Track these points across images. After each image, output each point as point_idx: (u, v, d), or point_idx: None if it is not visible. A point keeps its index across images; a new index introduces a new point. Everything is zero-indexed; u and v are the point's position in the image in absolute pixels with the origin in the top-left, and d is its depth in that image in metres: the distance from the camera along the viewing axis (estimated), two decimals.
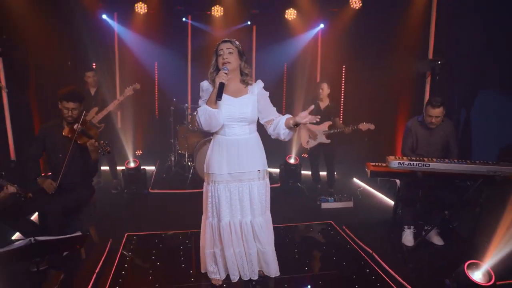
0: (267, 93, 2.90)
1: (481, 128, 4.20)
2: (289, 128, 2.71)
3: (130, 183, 5.36)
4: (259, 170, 2.87)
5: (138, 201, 5.16)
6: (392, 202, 4.84)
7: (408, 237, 3.78)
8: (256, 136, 2.93)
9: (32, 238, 2.04)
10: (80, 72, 5.34)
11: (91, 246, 3.55)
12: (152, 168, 6.61)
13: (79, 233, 2.32)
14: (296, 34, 6.56)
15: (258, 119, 2.91)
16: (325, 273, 3.33)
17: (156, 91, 7.10)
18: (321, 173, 5.92)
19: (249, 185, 2.86)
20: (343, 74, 6.64)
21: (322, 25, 6.59)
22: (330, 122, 5.41)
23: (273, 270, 3.05)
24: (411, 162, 3.28)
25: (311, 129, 5.43)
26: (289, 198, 5.46)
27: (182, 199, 5.28)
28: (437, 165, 3.26)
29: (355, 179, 6.32)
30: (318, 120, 2.61)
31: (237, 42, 2.80)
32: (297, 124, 2.65)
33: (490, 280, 2.55)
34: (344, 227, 4.24)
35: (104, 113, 5.22)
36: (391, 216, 4.06)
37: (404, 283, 3.06)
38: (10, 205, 3.07)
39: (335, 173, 5.86)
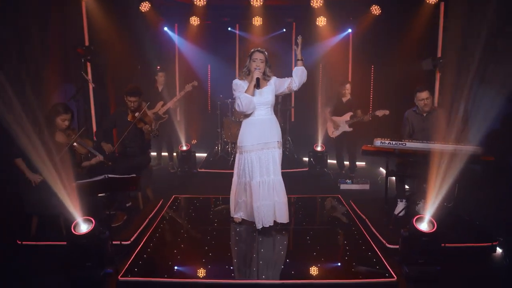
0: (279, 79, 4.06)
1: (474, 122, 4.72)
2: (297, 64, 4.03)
3: (183, 163, 6.61)
4: (278, 141, 3.97)
5: (188, 177, 6.42)
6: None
7: (399, 209, 4.47)
8: (274, 117, 4.06)
9: (106, 175, 3.26)
10: (148, 74, 6.74)
11: (147, 202, 4.81)
12: (205, 154, 7.87)
13: (133, 175, 3.48)
14: (328, 38, 7.40)
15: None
16: (317, 228, 4.22)
17: (209, 89, 8.35)
18: (345, 162, 6.71)
19: (272, 152, 3.94)
20: (372, 73, 7.32)
21: (350, 30, 7.35)
22: (352, 113, 6.21)
23: (285, 217, 4.03)
24: (391, 142, 4.03)
25: (336, 120, 6.27)
26: (315, 180, 6.34)
27: (222, 176, 6.37)
28: (412, 144, 3.97)
29: (381, 169, 6.95)
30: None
31: (266, 53, 3.92)
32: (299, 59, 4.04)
33: (433, 228, 3.25)
34: (350, 201, 5.03)
35: (169, 105, 6.53)
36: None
37: (380, 237, 3.85)
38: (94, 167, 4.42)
39: (363, 163, 6.62)
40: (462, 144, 3.83)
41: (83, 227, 3.16)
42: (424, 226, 3.30)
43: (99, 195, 3.93)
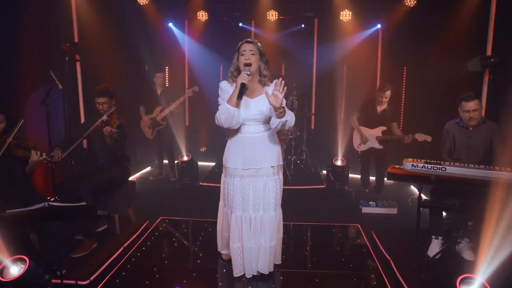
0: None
1: None
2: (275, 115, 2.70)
3: (183, 176, 5.86)
4: (272, 166, 2.95)
5: (187, 192, 5.64)
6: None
7: (434, 249, 3.50)
8: (270, 133, 2.96)
9: (46, 203, 2.54)
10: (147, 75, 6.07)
11: (128, 224, 4.08)
12: (213, 164, 7.12)
13: (83, 203, 2.74)
14: (353, 35, 6.43)
15: None
16: (325, 272, 3.29)
17: None
18: (371, 178, 5.74)
19: (263, 180, 2.93)
20: (404, 76, 6.29)
21: (379, 26, 6.34)
22: (385, 128, 5.23)
23: (267, 267, 3.01)
24: (426, 165, 3.07)
25: (364, 132, 5.31)
26: (332, 200, 5.41)
27: None
28: (455, 170, 2.99)
29: (412, 187, 5.93)
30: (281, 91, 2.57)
31: (259, 44, 2.87)
32: (276, 108, 2.62)
33: None
34: (372, 232, 4.09)
35: (167, 111, 5.83)
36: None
37: (404, 285, 2.91)
38: (63, 182, 3.73)
39: (385, 179, 5.61)
40: None
41: (13, 271, 2.45)
42: None
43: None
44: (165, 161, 6.48)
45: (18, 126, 3.32)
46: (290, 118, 2.73)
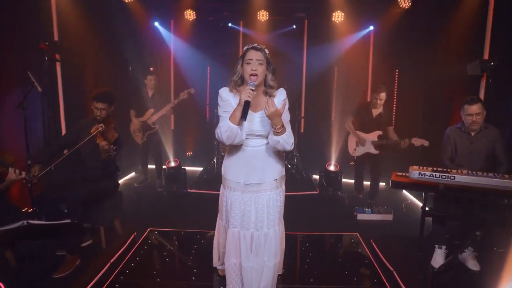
0: (287, 104, 2.66)
1: None
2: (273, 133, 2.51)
3: (171, 182, 5.60)
4: (275, 180, 2.70)
5: (175, 200, 5.37)
6: None
7: (437, 259, 3.38)
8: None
9: (25, 221, 2.26)
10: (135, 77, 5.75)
11: (114, 237, 3.79)
12: (200, 168, 6.87)
13: (68, 221, 2.46)
14: (345, 36, 6.30)
15: None
16: (330, 287, 3.12)
17: (208, 94, 7.34)
18: (365, 182, 5.62)
19: (267, 195, 2.66)
20: (396, 78, 6.20)
21: (371, 27, 6.23)
22: (381, 132, 5.11)
23: (269, 286, 2.72)
24: (433, 173, 2.95)
25: (361, 136, 5.17)
26: (325, 206, 5.27)
27: (215, 201, 5.32)
28: (464, 178, 2.88)
29: (404, 192, 5.85)
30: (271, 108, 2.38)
31: (266, 51, 2.59)
32: (275, 128, 2.45)
33: None
34: (371, 241, 3.94)
35: (159, 114, 5.56)
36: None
37: None
38: (44, 192, 3.41)
39: (382, 183, 5.51)
40: None
41: None
42: None
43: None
44: (150, 166, 6.19)
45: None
46: (282, 140, 2.47)
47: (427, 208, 3.40)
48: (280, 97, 2.59)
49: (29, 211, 3.85)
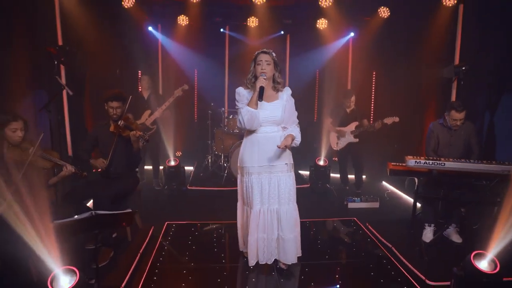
0: (293, 100, 3.26)
1: (503, 130, 4.32)
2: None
3: (171, 180, 5.84)
4: (286, 163, 3.21)
5: (177, 196, 5.65)
6: None
7: (428, 234, 3.96)
8: (283, 134, 3.20)
9: (93, 212, 2.51)
10: (131, 79, 5.89)
11: (136, 231, 4.05)
12: (191, 168, 7.13)
13: (129, 210, 2.73)
14: (328, 42, 6.85)
15: None
16: (344, 262, 3.61)
17: (196, 96, 7.62)
18: (349, 176, 6.17)
19: (278, 176, 3.18)
20: (373, 79, 6.84)
21: (352, 34, 6.84)
22: (357, 123, 5.68)
23: (290, 257, 3.23)
24: (427, 161, 3.50)
25: (340, 130, 5.71)
26: (318, 198, 5.75)
27: (217, 195, 5.69)
28: (452, 164, 3.45)
29: (384, 183, 6.49)
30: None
31: (274, 54, 3.18)
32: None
33: (495, 268, 2.72)
34: (367, 224, 4.48)
35: (157, 115, 5.71)
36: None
37: (417, 272, 3.29)
38: (72, 190, 3.63)
39: (364, 176, 6.08)
40: (510, 165, 3.34)
41: (64, 282, 2.41)
42: (484, 265, 2.77)
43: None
44: (146, 167, 6.38)
45: (40, 137, 3.20)
46: (296, 144, 3.20)
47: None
48: (287, 92, 3.26)
49: None
